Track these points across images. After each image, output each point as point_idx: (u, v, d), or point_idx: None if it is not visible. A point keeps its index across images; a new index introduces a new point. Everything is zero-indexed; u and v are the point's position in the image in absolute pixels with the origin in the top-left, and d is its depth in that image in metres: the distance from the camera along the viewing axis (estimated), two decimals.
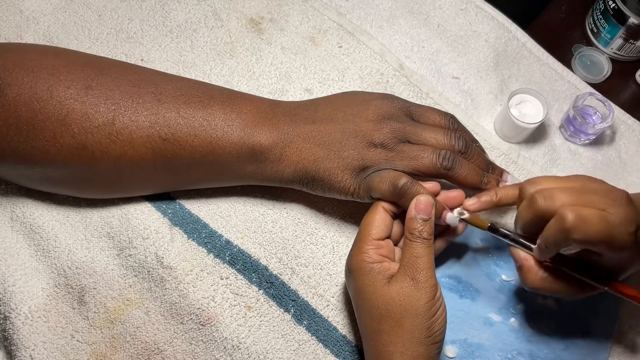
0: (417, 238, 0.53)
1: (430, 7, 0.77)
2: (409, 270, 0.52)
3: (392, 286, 0.52)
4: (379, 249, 0.54)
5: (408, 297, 0.51)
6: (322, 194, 0.59)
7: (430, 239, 0.53)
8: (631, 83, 0.84)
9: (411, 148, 0.57)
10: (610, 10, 0.81)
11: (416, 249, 0.53)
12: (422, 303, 0.51)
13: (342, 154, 0.57)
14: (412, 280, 0.52)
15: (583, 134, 0.71)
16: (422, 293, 0.51)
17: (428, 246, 0.53)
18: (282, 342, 0.58)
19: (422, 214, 0.53)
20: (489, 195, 0.57)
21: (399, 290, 0.51)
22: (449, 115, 0.61)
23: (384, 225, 0.55)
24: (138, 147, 0.55)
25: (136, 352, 0.57)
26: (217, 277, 0.59)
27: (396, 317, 0.51)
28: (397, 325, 0.51)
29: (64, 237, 0.59)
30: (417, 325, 0.51)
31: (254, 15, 0.72)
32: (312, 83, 0.69)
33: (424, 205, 0.54)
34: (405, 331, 0.51)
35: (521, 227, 0.55)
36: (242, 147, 0.57)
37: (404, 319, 0.51)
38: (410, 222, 0.54)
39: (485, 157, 0.61)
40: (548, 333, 0.62)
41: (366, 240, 0.54)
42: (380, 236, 0.54)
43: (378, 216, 0.55)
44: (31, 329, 0.56)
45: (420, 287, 0.51)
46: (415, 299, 0.51)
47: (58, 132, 0.54)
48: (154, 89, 0.57)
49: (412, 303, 0.51)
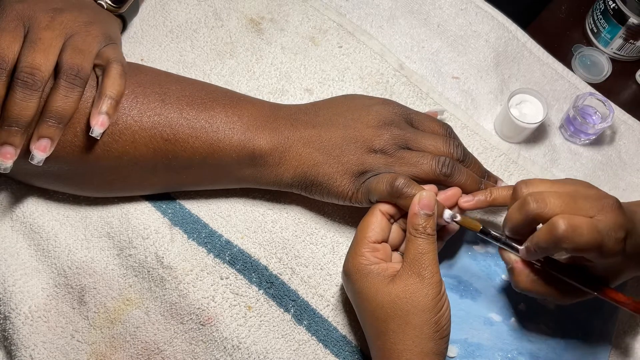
0: (422, 234, 0.53)
1: (430, 7, 0.77)
2: (414, 266, 0.52)
3: (397, 284, 0.52)
4: (375, 252, 0.54)
5: (415, 294, 0.51)
6: (321, 199, 0.59)
7: (434, 234, 0.54)
8: (631, 83, 0.84)
9: (411, 154, 0.58)
10: (611, 10, 0.81)
11: (421, 245, 0.53)
12: (430, 299, 0.51)
13: (341, 159, 0.57)
14: (418, 276, 0.52)
15: (583, 134, 0.71)
16: (429, 289, 0.51)
17: (432, 242, 0.53)
18: (282, 342, 0.58)
19: (425, 209, 0.54)
20: (483, 195, 0.58)
21: (404, 288, 0.51)
22: (447, 126, 0.62)
23: (379, 229, 0.55)
24: (140, 147, 0.56)
25: (136, 352, 0.57)
26: (217, 277, 0.59)
27: (403, 315, 0.51)
28: (404, 323, 0.51)
29: (64, 237, 0.59)
30: (425, 321, 0.51)
31: (254, 15, 0.72)
32: (312, 83, 0.69)
33: (427, 201, 0.54)
34: (413, 328, 0.51)
35: (510, 228, 0.55)
36: (242, 150, 0.57)
37: (411, 316, 0.51)
38: (413, 218, 0.54)
39: (481, 166, 0.62)
40: (548, 333, 0.62)
41: (362, 243, 0.54)
42: (376, 239, 0.55)
43: (375, 219, 0.55)
44: (31, 329, 0.56)
45: (426, 283, 0.51)
46: (422, 295, 0.51)
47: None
48: (159, 89, 0.57)
49: (420, 299, 0.51)
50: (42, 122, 0.52)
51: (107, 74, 0.54)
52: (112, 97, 0.54)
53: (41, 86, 0.51)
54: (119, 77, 0.54)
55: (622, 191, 0.70)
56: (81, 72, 0.53)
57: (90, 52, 0.54)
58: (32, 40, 0.52)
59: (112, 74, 0.54)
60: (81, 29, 0.55)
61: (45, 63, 0.51)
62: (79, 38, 0.54)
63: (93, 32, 0.55)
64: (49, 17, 0.54)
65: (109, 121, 0.54)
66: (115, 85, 0.54)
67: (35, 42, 0.52)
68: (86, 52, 0.54)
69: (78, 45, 0.53)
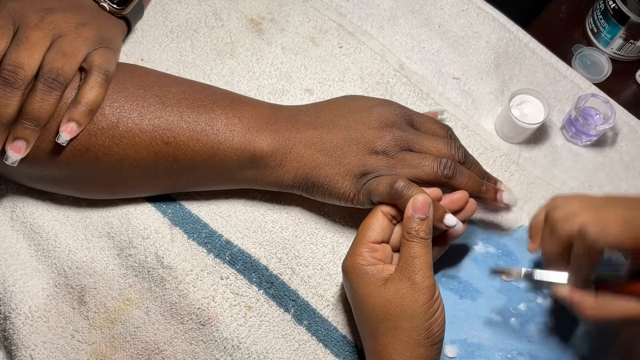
0: (414, 237, 0.53)
1: (431, 7, 0.77)
2: (405, 271, 0.52)
3: (389, 288, 0.51)
4: (373, 252, 0.54)
5: (405, 299, 0.51)
6: (322, 200, 0.59)
7: (427, 238, 0.53)
8: (631, 83, 0.84)
9: (412, 156, 0.58)
10: (611, 10, 0.81)
11: (413, 248, 0.52)
12: (420, 304, 0.51)
13: (343, 160, 0.57)
14: (409, 281, 0.51)
15: (584, 135, 0.71)
16: (420, 294, 0.51)
17: (425, 246, 0.53)
18: (282, 342, 0.58)
19: (419, 213, 0.53)
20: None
21: (395, 292, 0.51)
22: (447, 127, 0.62)
23: (380, 229, 0.55)
24: (140, 150, 0.55)
25: (136, 352, 0.57)
26: (217, 277, 0.59)
27: (393, 319, 0.51)
28: (394, 327, 0.51)
29: (64, 237, 0.59)
30: (415, 327, 0.50)
31: (254, 15, 0.72)
32: (313, 83, 0.69)
33: (420, 205, 0.53)
34: (403, 333, 0.50)
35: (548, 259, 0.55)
36: (243, 152, 0.57)
37: (401, 321, 0.50)
38: (407, 222, 0.53)
39: (481, 168, 0.62)
40: (548, 333, 0.62)
41: (361, 243, 0.54)
42: (376, 239, 0.54)
43: (375, 219, 0.55)
44: (31, 329, 0.56)
45: (417, 288, 0.51)
46: (412, 300, 0.51)
47: None
48: (159, 91, 0.57)
49: (410, 305, 0.50)
50: (19, 123, 0.52)
51: (86, 81, 0.54)
52: (86, 105, 0.53)
53: (23, 85, 0.51)
54: (98, 85, 0.54)
55: (624, 193, 0.70)
56: (61, 75, 0.52)
57: (76, 55, 0.53)
58: (19, 38, 0.52)
59: (90, 81, 0.54)
60: (71, 30, 0.54)
61: (29, 62, 0.51)
62: (66, 40, 0.53)
63: (83, 34, 0.55)
64: (39, 16, 0.53)
65: (79, 129, 0.53)
66: (93, 93, 0.53)
67: (21, 41, 0.52)
68: (70, 55, 0.53)
69: (63, 47, 0.53)
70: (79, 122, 0.53)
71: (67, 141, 0.53)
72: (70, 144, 0.54)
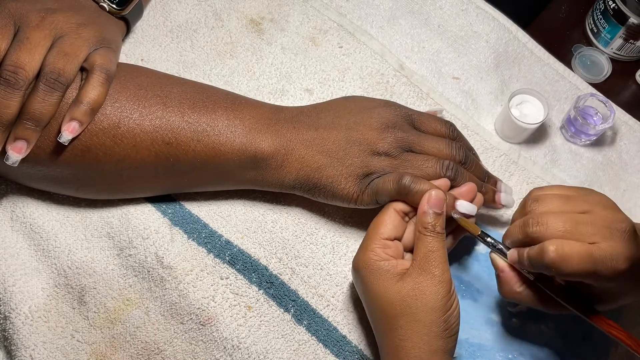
0: (431, 232, 0.53)
1: (430, 7, 0.77)
2: (424, 264, 0.52)
3: (407, 282, 0.52)
4: (386, 249, 0.54)
5: (425, 292, 0.51)
6: (324, 201, 0.59)
7: (443, 232, 0.54)
8: (631, 83, 0.84)
9: (415, 158, 0.58)
10: (610, 10, 0.81)
11: (430, 243, 0.53)
12: (440, 297, 0.51)
13: (345, 161, 0.57)
14: (429, 274, 0.52)
15: (584, 134, 0.71)
16: (440, 287, 0.51)
17: (441, 240, 0.53)
18: (282, 342, 0.58)
19: (434, 208, 0.54)
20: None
21: (414, 286, 0.51)
22: (449, 124, 0.62)
23: (392, 225, 0.55)
24: (141, 151, 0.55)
25: (136, 352, 0.57)
26: (217, 277, 0.59)
27: (412, 313, 0.51)
28: (414, 321, 0.51)
29: (64, 237, 0.59)
30: (434, 320, 0.51)
31: (254, 15, 0.72)
32: (313, 83, 0.69)
33: (435, 200, 0.54)
34: (422, 326, 0.51)
35: (510, 243, 0.56)
36: (244, 153, 0.57)
37: (421, 314, 0.51)
38: (423, 216, 0.54)
39: (482, 166, 0.62)
40: (549, 334, 0.61)
41: (374, 238, 0.54)
42: (388, 235, 0.54)
43: (387, 216, 0.55)
44: (31, 329, 0.56)
45: (437, 281, 0.51)
46: (432, 293, 0.51)
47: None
48: (160, 92, 0.57)
49: (430, 298, 0.51)
50: (20, 123, 0.52)
51: (88, 80, 0.54)
52: (88, 104, 0.53)
53: (24, 85, 0.51)
54: (99, 84, 0.54)
55: (623, 192, 0.70)
56: (62, 76, 0.52)
57: (77, 56, 0.53)
58: (20, 39, 0.52)
59: (92, 80, 0.54)
60: (72, 30, 0.54)
61: (30, 63, 0.51)
62: (67, 40, 0.53)
63: (84, 34, 0.55)
64: (39, 16, 0.53)
65: (81, 128, 0.53)
66: (94, 92, 0.53)
67: (22, 41, 0.52)
68: (71, 56, 0.53)
69: (64, 48, 0.53)
70: (81, 121, 0.53)
71: (69, 140, 0.53)
72: (71, 144, 0.54)
